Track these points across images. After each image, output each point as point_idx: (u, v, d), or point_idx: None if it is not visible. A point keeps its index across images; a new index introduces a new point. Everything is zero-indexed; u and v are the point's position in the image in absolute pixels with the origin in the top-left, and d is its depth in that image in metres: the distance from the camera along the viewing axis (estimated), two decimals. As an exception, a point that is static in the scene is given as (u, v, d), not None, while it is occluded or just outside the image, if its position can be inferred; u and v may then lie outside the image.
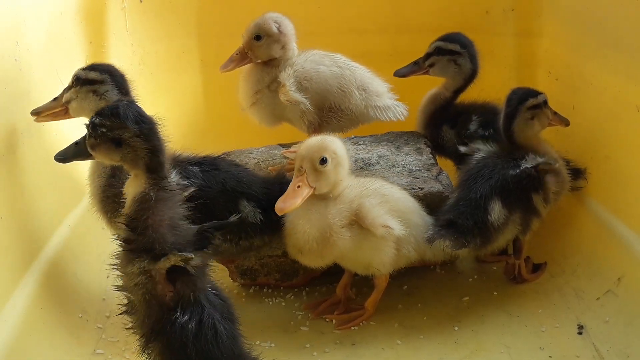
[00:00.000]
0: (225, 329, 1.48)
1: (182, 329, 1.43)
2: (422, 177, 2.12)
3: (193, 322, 1.44)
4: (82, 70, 1.89)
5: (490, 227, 1.94)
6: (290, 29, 2.11)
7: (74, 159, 1.62)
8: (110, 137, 1.47)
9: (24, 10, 2.06)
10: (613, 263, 2.00)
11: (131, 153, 1.47)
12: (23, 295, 1.78)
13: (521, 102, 2.02)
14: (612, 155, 2.10)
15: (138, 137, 1.46)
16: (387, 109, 2.14)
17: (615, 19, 2.06)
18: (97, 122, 1.47)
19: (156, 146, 1.48)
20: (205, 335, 1.44)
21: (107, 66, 1.92)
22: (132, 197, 1.49)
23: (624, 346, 1.78)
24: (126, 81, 1.91)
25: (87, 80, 1.87)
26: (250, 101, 2.13)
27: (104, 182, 1.85)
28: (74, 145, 1.59)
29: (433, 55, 2.30)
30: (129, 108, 1.48)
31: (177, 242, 1.46)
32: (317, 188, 1.78)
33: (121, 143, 1.47)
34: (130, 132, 1.46)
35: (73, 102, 1.89)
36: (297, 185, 1.76)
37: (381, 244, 1.87)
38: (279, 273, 2.18)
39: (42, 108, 1.92)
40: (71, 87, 1.89)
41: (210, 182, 1.85)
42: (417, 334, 1.95)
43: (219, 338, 1.46)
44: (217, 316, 1.48)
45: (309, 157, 1.77)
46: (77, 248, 2.12)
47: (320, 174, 1.78)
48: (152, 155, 1.48)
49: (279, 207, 1.72)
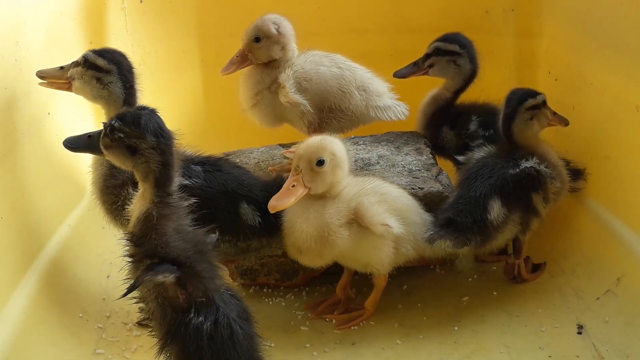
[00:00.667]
0: (242, 329, 1.49)
1: (197, 330, 1.44)
2: (422, 177, 2.12)
3: (208, 322, 1.45)
4: (91, 53, 1.88)
5: (490, 226, 1.94)
6: (289, 29, 2.11)
7: (84, 151, 1.61)
8: (127, 144, 1.48)
9: (24, 10, 2.06)
10: (613, 263, 2.00)
11: (144, 163, 1.48)
12: (23, 295, 1.78)
13: (520, 102, 2.02)
14: (612, 155, 2.10)
15: (154, 149, 1.48)
16: (388, 109, 2.14)
17: (615, 19, 2.06)
18: (117, 126, 1.48)
19: (169, 161, 1.50)
20: (222, 335, 1.45)
21: (117, 55, 1.91)
22: (137, 216, 1.50)
23: (624, 346, 1.78)
24: (133, 74, 1.91)
25: (93, 65, 1.86)
26: (251, 102, 2.13)
27: (106, 171, 1.86)
28: (87, 137, 1.57)
29: (432, 56, 2.30)
30: (151, 119, 1.49)
31: (182, 247, 1.47)
32: (312, 188, 1.78)
33: (136, 152, 1.48)
34: (148, 144, 1.47)
35: (77, 82, 1.88)
36: (292, 184, 1.77)
37: (380, 243, 1.87)
38: (279, 273, 2.18)
39: (47, 73, 1.92)
40: (78, 64, 1.88)
41: (212, 182, 1.86)
42: (417, 334, 1.96)
43: (235, 338, 1.47)
44: (233, 315, 1.49)
45: (306, 157, 1.78)
46: (77, 248, 2.12)
47: (317, 174, 1.78)
48: (163, 169, 1.49)
49: (272, 205, 1.73)
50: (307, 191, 1.77)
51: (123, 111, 1.53)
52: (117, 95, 1.87)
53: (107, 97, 1.87)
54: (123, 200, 1.81)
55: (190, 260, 1.46)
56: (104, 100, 1.88)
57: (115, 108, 1.86)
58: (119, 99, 1.87)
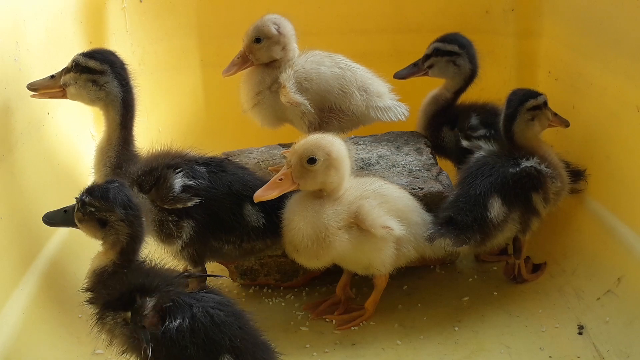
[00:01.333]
0: (222, 310, 1.50)
1: (178, 332, 1.44)
2: (422, 177, 2.12)
3: (186, 321, 1.45)
4: (81, 57, 1.86)
5: (490, 224, 1.94)
6: (289, 30, 2.11)
7: (62, 225, 1.69)
8: (97, 217, 1.55)
9: (24, 10, 2.06)
10: (613, 263, 2.00)
11: (113, 235, 1.55)
12: (23, 295, 1.78)
13: (521, 103, 2.02)
14: (612, 156, 2.10)
15: (123, 221, 1.53)
16: (388, 110, 2.14)
17: (615, 19, 2.06)
18: (87, 201, 1.55)
19: (137, 233, 1.56)
20: (203, 324, 1.45)
21: (107, 54, 1.89)
22: (92, 269, 1.57)
23: (624, 346, 1.78)
24: (127, 71, 1.89)
25: (86, 68, 1.84)
26: (252, 103, 2.13)
27: (109, 171, 1.85)
28: (63, 212, 1.64)
29: (432, 57, 2.30)
30: (119, 192, 1.55)
31: (132, 280, 1.51)
32: (301, 185, 1.79)
33: (106, 224, 1.54)
34: (117, 216, 1.53)
35: (71, 87, 1.86)
36: (280, 177, 1.78)
37: (381, 245, 1.87)
38: (279, 273, 2.18)
39: (39, 85, 1.89)
40: (70, 70, 1.86)
41: (217, 183, 1.86)
42: (417, 334, 1.95)
43: (217, 320, 1.47)
44: (210, 304, 1.49)
45: (299, 153, 1.78)
46: (77, 248, 2.12)
47: (307, 172, 1.77)
48: (131, 241, 1.55)
49: (257, 194, 1.77)
50: (295, 187, 1.78)
51: (92, 186, 1.59)
52: (115, 95, 1.85)
53: (105, 98, 1.86)
54: None
55: (145, 282, 1.49)
56: (102, 101, 1.86)
57: (115, 108, 1.86)
58: (117, 99, 1.86)
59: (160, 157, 1.88)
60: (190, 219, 1.84)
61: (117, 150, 1.86)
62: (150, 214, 1.82)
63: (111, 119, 1.87)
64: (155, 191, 1.82)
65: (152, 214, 1.82)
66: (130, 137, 1.90)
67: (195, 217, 1.83)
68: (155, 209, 1.82)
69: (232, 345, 1.47)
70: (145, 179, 1.83)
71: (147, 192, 1.83)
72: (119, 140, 1.86)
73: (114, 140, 1.86)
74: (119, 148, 1.86)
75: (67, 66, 1.86)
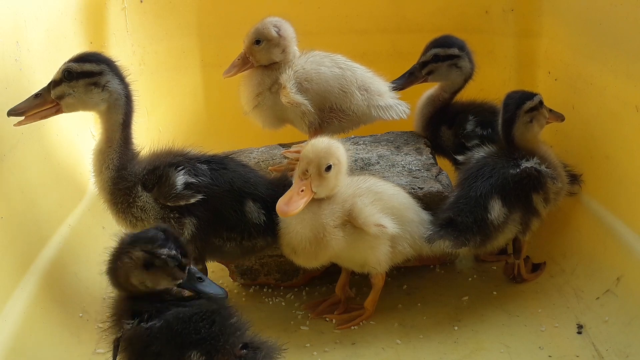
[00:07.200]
0: (188, 307, 1.50)
1: (148, 330, 1.48)
2: (422, 177, 2.12)
3: (156, 320, 1.48)
4: (73, 63, 1.77)
5: (490, 226, 1.94)
6: (290, 32, 2.11)
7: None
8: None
9: (24, 10, 2.06)
10: (612, 263, 2.00)
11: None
12: (23, 295, 1.78)
13: (519, 106, 2.02)
14: (612, 155, 2.10)
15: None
16: (390, 108, 2.14)
17: (615, 19, 2.06)
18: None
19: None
20: (170, 322, 1.47)
21: (98, 55, 1.83)
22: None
23: (624, 346, 1.79)
24: (120, 67, 1.83)
25: (82, 73, 1.77)
26: (252, 104, 2.13)
27: (113, 174, 1.83)
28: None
29: (431, 63, 2.29)
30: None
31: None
32: (317, 193, 1.78)
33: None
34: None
35: (68, 98, 1.77)
36: (302, 189, 1.76)
37: (376, 243, 1.87)
38: (279, 273, 2.19)
39: (24, 107, 1.77)
40: (60, 81, 1.77)
41: (218, 180, 1.86)
42: (417, 334, 1.96)
43: (183, 317, 1.48)
44: (181, 304, 1.51)
45: (316, 161, 1.76)
46: (77, 248, 2.12)
47: (324, 179, 1.77)
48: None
49: (283, 210, 1.71)
50: (312, 195, 1.77)
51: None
52: (119, 93, 1.79)
53: (109, 99, 1.79)
54: (134, 200, 1.82)
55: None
56: (105, 103, 1.79)
57: (118, 107, 1.80)
58: (120, 96, 1.80)
59: (162, 155, 1.88)
60: (192, 216, 1.84)
61: (118, 150, 1.82)
62: (153, 212, 1.83)
63: (112, 119, 1.82)
64: (158, 189, 1.82)
65: (155, 212, 1.83)
66: (131, 135, 1.88)
67: (197, 214, 1.84)
68: (158, 206, 1.83)
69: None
70: (148, 178, 1.83)
71: (150, 190, 1.83)
72: (121, 141, 1.83)
73: (115, 141, 1.82)
74: (120, 148, 1.83)
75: (55, 79, 1.77)
